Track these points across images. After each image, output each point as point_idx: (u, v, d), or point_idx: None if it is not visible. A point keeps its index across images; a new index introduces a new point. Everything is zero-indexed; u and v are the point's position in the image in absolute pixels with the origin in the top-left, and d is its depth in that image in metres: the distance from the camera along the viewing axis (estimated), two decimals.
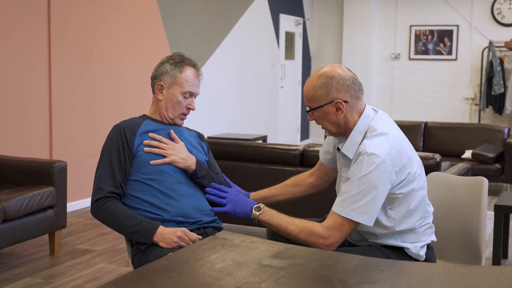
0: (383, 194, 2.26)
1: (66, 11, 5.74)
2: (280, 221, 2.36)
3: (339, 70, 2.37)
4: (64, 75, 5.77)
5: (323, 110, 2.36)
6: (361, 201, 2.24)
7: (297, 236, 2.31)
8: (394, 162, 2.26)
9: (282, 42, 10.24)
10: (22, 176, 4.42)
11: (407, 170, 2.30)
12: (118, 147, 2.53)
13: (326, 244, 2.26)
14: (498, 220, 4.14)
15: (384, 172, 2.24)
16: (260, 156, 4.59)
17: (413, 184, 2.34)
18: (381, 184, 2.24)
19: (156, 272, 1.73)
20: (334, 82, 2.33)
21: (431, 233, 2.47)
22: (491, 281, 1.73)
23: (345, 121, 2.37)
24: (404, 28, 10.67)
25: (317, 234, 2.27)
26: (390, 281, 1.72)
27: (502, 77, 9.51)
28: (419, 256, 2.41)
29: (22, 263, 4.28)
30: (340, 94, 2.33)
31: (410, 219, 2.37)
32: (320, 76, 2.35)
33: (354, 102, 2.36)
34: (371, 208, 2.25)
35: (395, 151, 2.28)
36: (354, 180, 2.26)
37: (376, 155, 2.24)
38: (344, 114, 2.35)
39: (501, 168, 6.91)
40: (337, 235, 2.27)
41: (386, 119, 2.41)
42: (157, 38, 7.01)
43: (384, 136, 2.30)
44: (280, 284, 1.68)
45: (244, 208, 2.41)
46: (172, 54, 2.71)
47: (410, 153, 2.35)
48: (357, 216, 2.25)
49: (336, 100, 2.33)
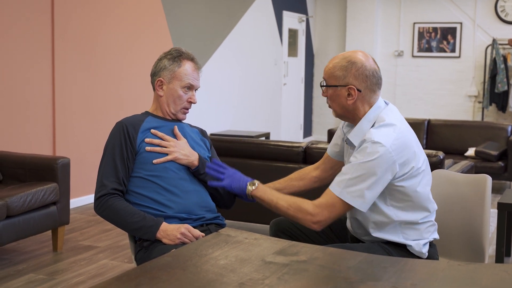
0: (382, 183, 2.27)
1: (69, 8, 5.74)
2: (272, 196, 2.38)
3: (364, 58, 2.38)
4: (67, 71, 5.77)
5: (336, 90, 2.38)
6: (358, 185, 2.25)
7: (286, 211, 2.33)
8: (399, 153, 2.27)
9: (285, 39, 10.23)
10: (25, 172, 4.42)
11: (411, 164, 2.31)
12: (121, 144, 2.53)
13: (313, 221, 2.28)
14: (501, 218, 4.13)
15: (386, 161, 2.24)
16: (263, 153, 4.59)
17: (416, 178, 2.34)
18: (381, 172, 2.24)
19: (159, 269, 1.73)
20: (354, 68, 2.35)
21: (433, 230, 2.47)
22: (494, 279, 1.73)
23: (354, 108, 2.38)
24: (407, 26, 10.65)
25: (305, 210, 2.29)
26: (393, 278, 1.72)
27: (505, 74, 9.49)
28: (422, 254, 2.41)
29: (25, 259, 4.28)
30: (356, 81, 2.35)
31: (412, 213, 2.37)
32: (344, 58, 2.38)
33: (368, 94, 2.37)
34: (366, 194, 2.25)
35: (401, 143, 2.28)
36: (355, 164, 2.27)
37: (380, 143, 2.24)
38: (355, 101, 2.37)
39: (504, 166, 6.90)
40: (326, 213, 2.28)
41: (396, 112, 2.42)
42: (160, 35, 7.01)
43: (391, 127, 2.31)
44: (283, 280, 1.68)
45: (240, 184, 2.45)
46: (169, 50, 2.71)
47: (416, 147, 2.36)
48: (351, 199, 2.26)
49: (350, 86, 2.35)
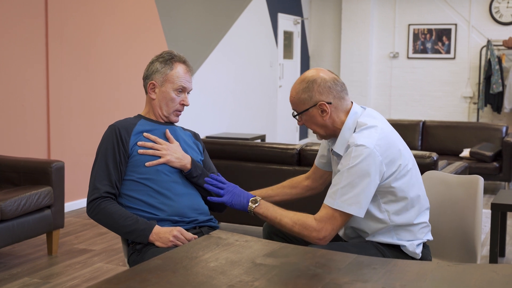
0: (373, 185, 2.28)
1: (63, 11, 5.74)
2: (275, 213, 2.39)
3: (321, 73, 2.43)
4: (62, 74, 5.77)
5: (309, 113, 2.41)
6: (350, 192, 2.26)
7: (291, 229, 2.34)
8: (384, 153, 2.28)
9: (281, 41, 10.24)
10: (20, 176, 4.42)
11: (397, 162, 2.32)
12: (113, 147, 2.54)
13: (319, 238, 2.29)
14: (495, 219, 4.15)
15: (373, 162, 2.26)
16: (258, 156, 4.60)
17: (406, 177, 2.35)
18: (370, 174, 2.25)
19: (149, 271, 1.74)
20: (315, 86, 2.39)
21: (427, 231, 2.48)
22: (484, 279, 1.74)
23: (332, 122, 2.42)
24: (402, 27, 10.67)
25: (310, 227, 2.30)
26: (383, 279, 1.73)
27: (500, 75, 9.52)
28: (415, 254, 2.42)
29: (20, 263, 4.28)
30: (322, 96, 2.39)
31: (406, 214, 2.38)
32: (302, 81, 2.42)
33: (338, 103, 2.41)
34: (361, 198, 2.26)
35: (384, 143, 2.30)
36: (343, 172, 2.28)
37: (364, 146, 2.26)
38: (330, 115, 2.40)
39: (499, 167, 6.92)
40: (329, 227, 2.29)
41: (375, 115, 2.45)
42: (155, 38, 7.01)
43: (373, 128, 2.33)
44: (273, 282, 1.69)
45: (241, 200, 2.44)
46: (161, 53, 2.71)
47: (400, 146, 2.38)
48: (347, 207, 2.27)
49: (320, 103, 2.39)
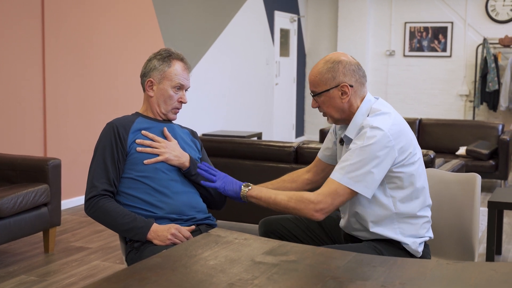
0: (384, 168, 2.27)
1: (60, 8, 5.72)
2: (269, 193, 2.38)
3: (344, 57, 2.44)
4: (58, 72, 5.75)
5: (329, 94, 2.40)
6: (359, 170, 2.25)
7: (287, 204, 2.32)
8: (396, 138, 2.29)
9: (277, 39, 10.23)
10: (16, 173, 4.41)
11: (408, 150, 2.33)
12: (111, 144, 2.53)
13: (316, 209, 2.27)
14: (491, 217, 4.15)
15: (386, 145, 2.26)
16: (255, 153, 4.59)
17: (414, 166, 2.35)
18: (381, 156, 2.25)
19: (149, 269, 1.74)
20: (340, 67, 2.40)
21: (429, 227, 2.48)
22: (483, 277, 1.74)
23: (349, 106, 2.41)
24: (398, 25, 10.67)
25: (307, 199, 2.29)
26: (382, 277, 1.73)
27: (496, 74, 9.53)
28: (417, 253, 2.41)
29: (17, 261, 4.27)
30: (346, 78, 2.40)
31: (410, 204, 2.38)
32: (326, 62, 2.42)
33: (359, 88, 2.42)
34: (369, 178, 2.25)
35: (397, 129, 2.31)
36: (355, 149, 2.27)
37: (379, 128, 2.27)
38: (349, 98, 2.40)
39: (495, 165, 6.93)
40: (328, 200, 2.27)
41: (387, 104, 2.46)
42: (152, 35, 7.00)
43: (387, 115, 2.35)
44: (272, 280, 1.69)
45: (233, 186, 2.43)
46: (159, 50, 2.71)
47: (411, 135, 2.39)
48: (354, 184, 2.25)
49: (342, 84, 2.39)
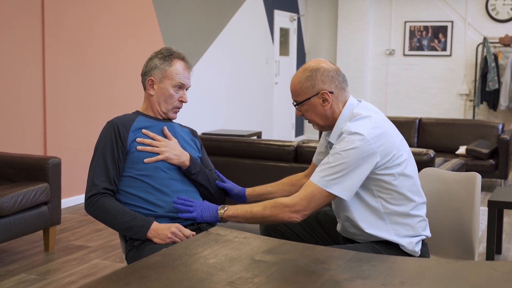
0: (362, 172, 2.28)
1: (60, 7, 5.72)
2: (245, 208, 2.40)
3: (323, 63, 2.45)
4: (58, 71, 5.75)
5: (310, 102, 2.42)
6: (337, 173, 2.27)
7: (263, 213, 2.34)
8: (377, 142, 2.29)
9: (277, 38, 10.23)
10: (16, 172, 4.41)
11: (391, 152, 2.33)
12: (111, 143, 2.53)
13: (291, 211, 2.29)
14: (492, 216, 4.15)
15: (366, 150, 2.27)
16: (255, 152, 4.59)
17: (400, 167, 2.35)
18: (360, 161, 2.26)
19: (149, 268, 1.74)
20: (318, 74, 2.41)
21: (425, 226, 2.47)
22: (483, 276, 1.74)
23: (332, 112, 2.43)
24: (398, 24, 10.67)
25: (281, 203, 2.31)
26: (382, 276, 1.73)
27: (496, 73, 9.53)
28: (414, 252, 2.42)
29: (17, 259, 4.27)
30: (325, 85, 2.41)
31: (401, 204, 2.38)
32: (305, 70, 2.44)
33: (339, 93, 2.43)
34: (346, 181, 2.27)
35: (378, 132, 2.31)
36: (335, 154, 2.30)
37: (358, 133, 2.28)
38: (331, 105, 2.42)
39: (495, 164, 6.93)
40: (304, 203, 2.29)
41: (370, 107, 2.46)
42: (151, 34, 7.00)
43: (367, 118, 2.35)
44: (272, 279, 1.69)
45: (210, 212, 2.46)
46: (160, 49, 2.71)
47: (394, 136, 2.39)
48: (330, 186, 2.27)
49: (322, 91, 2.40)
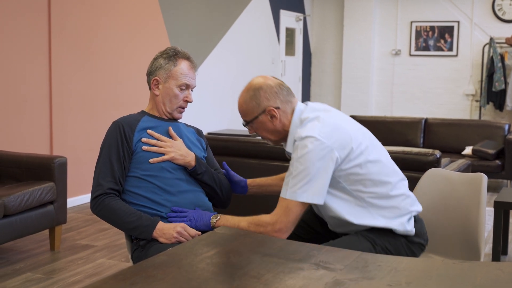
0: (326, 172, 2.28)
1: (66, 6, 5.73)
2: (234, 221, 2.42)
3: (265, 80, 2.47)
4: (65, 70, 5.77)
5: (258, 121, 2.46)
6: (302, 181, 2.27)
7: (248, 229, 2.36)
8: (330, 139, 2.29)
9: (283, 38, 10.23)
10: (22, 171, 4.42)
11: (348, 144, 2.33)
12: (117, 143, 2.53)
13: (275, 230, 2.30)
14: (498, 217, 4.14)
15: (321, 149, 2.27)
16: (260, 152, 4.59)
17: (363, 156, 2.35)
18: (320, 162, 2.26)
19: (155, 267, 1.74)
20: (262, 92, 2.44)
21: (411, 202, 2.45)
22: (489, 277, 1.74)
23: (282, 126, 2.46)
24: (404, 24, 10.65)
25: (264, 222, 2.32)
26: (388, 276, 1.73)
27: (503, 73, 9.50)
28: (408, 232, 2.40)
29: (22, 258, 4.29)
30: (270, 102, 2.43)
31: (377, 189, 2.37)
32: (248, 90, 2.47)
33: (286, 106, 2.46)
34: (314, 186, 2.27)
35: (329, 129, 2.31)
36: (293, 163, 2.31)
37: (309, 136, 2.29)
38: (279, 119, 2.44)
39: (502, 165, 6.91)
40: (284, 219, 2.30)
41: (317, 107, 2.47)
42: (157, 33, 7.01)
43: (315, 119, 2.36)
44: (278, 279, 1.69)
45: (203, 220, 2.49)
46: (165, 49, 2.71)
47: (348, 128, 2.38)
48: (300, 196, 2.28)
49: (268, 108, 2.43)
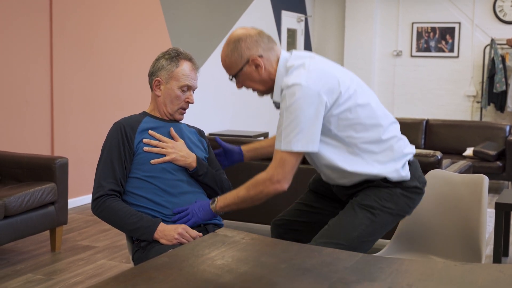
0: (317, 118, 2.27)
1: (67, 6, 5.73)
2: (231, 194, 2.43)
3: (243, 31, 2.45)
4: (66, 71, 5.77)
5: (244, 72, 2.43)
6: (294, 130, 2.26)
7: (248, 195, 2.36)
8: (318, 84, 2.27)
9: (284, 39, 10.23)
10: (23, 172, 4.42)
11: (336, 88, 2.31)
12: (118, 144, 2.53)
13: (273, 182, 2.30)
14: (499, 218, 4.14)
15: (309, 96, 2.25)
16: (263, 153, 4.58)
17: (351, 100, 2.34)
18: (309, 108, 2.25)
19: (156, 269, 1.74)
20: (242, 43, 2.41)
21: (404, 144, 2.45)
22: (490, 279, 1.74)
23: (269, 75, 2.43)
24: (406, 25, 10.65)
25: (261, 180, 2.32)
26: (390, 278, 1.72)
27: (504, 74, 9.50)
28: (403, 177, 2.40)
29: (23, 259, 4.29)
30: (252, 51, 2.40)
31: (368, 133, 2.37)
32: (229, 43, 2.44)
33: (269, 54, 2.43)
34: (306, 134, 2.26)
35: (315, 75, 2.29)
36: (282, 113, 2.29)
37: (295, 84, 2.26)
38: (264, 68, 2.42)
39: (503, 166, 6.91)
40: (280, 171, 2.29)
41: (302, 54, 2.44)
42: (159, 34, 7.01)
43: (300, 67, 2.34)
44: (279, 281, 1.69)
45: (204, 210, 2.48)
46: (167, 50, 2.71)
47: (335, 72, 2.37)
48: (294, 146, 2.27)
49: (251, 58, 2.40)
